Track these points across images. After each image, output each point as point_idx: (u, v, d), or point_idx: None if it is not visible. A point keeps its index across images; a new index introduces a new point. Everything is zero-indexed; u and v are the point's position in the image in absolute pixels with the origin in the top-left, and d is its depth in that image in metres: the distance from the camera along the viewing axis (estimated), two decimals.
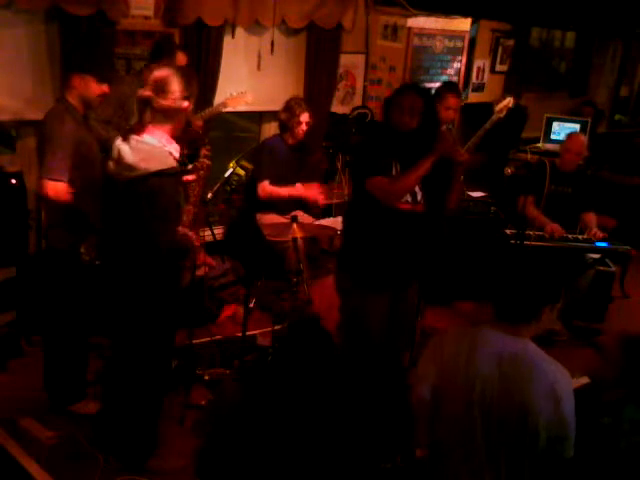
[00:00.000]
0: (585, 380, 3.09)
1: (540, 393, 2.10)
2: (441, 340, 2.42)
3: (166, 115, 2.79)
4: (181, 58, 4.13)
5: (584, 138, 4.99)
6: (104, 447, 3.18)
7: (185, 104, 2.82)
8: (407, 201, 3.17)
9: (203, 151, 3.25)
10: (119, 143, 2.82)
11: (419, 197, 3.21)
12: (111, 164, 2.85)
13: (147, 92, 2.77)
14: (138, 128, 2.81)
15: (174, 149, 2.85)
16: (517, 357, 2.17)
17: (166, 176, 2.73)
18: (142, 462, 3.13)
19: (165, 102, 2.77)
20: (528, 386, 2.12)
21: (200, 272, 4.07)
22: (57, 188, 3.14)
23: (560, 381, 2.14)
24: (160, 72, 2.81)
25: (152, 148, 2.76)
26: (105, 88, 3.29)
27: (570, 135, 5.15)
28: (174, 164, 2.79)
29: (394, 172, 3.15)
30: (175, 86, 2.78)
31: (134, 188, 2.76)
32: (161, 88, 2.77)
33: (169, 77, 2.78)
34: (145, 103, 2.78)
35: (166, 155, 2.78)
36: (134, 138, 2.78)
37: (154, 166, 2.72)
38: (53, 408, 3.49)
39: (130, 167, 2.75)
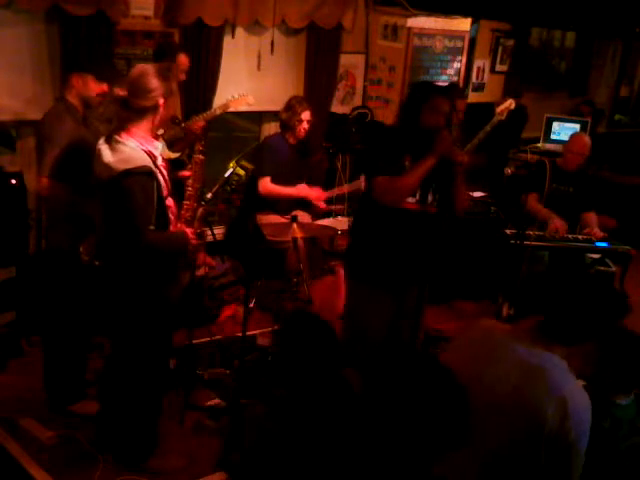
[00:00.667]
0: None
1: (550, 404, 2.07)
2: (469, 336, 2.40)
3: (143, 114, 2.79)
4: (183, 60, 4.13)
5: (587, 139, 4.97)
6: (104, 447, 3.18)
7: (161, 101, 2.80)
8: (416, 202, 3.18)
9: (197, 146, 3.25)
10: (101, 144, 2.83)
11: (429, 199, 3.22)
12: (95, 165, 2.86)
13: (123, 92, 2.78)
14: (118, 128, 2.80)
15: (154, 147, 2.85)
16: (539, 368, 2.11)
17: (134, 175, 2.72)
18: (142, 462, 3.13)
19: (141, 101, 2.77)
20: (541, 396, 2.06)
21: (200, 272, 4.08)
22: (43, 184, 3.17)
23: (575, 402, 2.07)
24: (137, 71, 2.82)
25: (129, 149, 2.76)
26: (104, 87, 3.29)
27: (573, 135, 5.14)
28: (146, 163, 2.77)
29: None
30: (151, 84, 2.77)
31: (111, 188, 2.77)
32: (137, 87, 2.77)
33: (145, 76, 2.77)
34: (122, 103, 2.78)
35: (140, 155, 2.77)
36: (114, 139, 2.79)
37: (126, 166, 2.72)
38: (53, 408, 3.48)
39: (108, 167, 2.76)
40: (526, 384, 2.10)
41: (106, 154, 2.77)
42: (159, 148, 2.90)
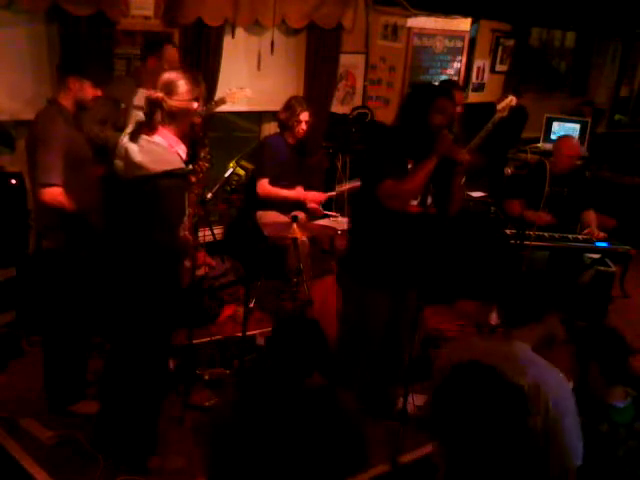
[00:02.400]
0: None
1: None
2: (448, 354, 2.42)
3: (175, 116, 2.83)
4: (172, 53, 4.10)
5: (575, 140, 4.97)
6: (104, 447, 3.18)
7: (194, 105, 2.86)
8: (417, 204, 3.19)
9: (202, 153, 3.25)
10: (126, 142, 2.83)
11: (429, 200, 3.22)
12: (118, 162, 2.87)
13: (158, 93, 2.81)
14: (148, 128, 2.82)
15: (182, 150, 2.88)
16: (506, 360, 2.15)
17: (174, 177, 2.77)
18: (142, 462, 3.13)
19: (176, 103, 2.81)
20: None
21: (200, 272, 4.07)
22: (54, 193, 3.15)
23: (546, 383, 2.14)
24: (169, 75, 2.86)
25: (162, 149, 2.80)
26: (99, 92, 3.31)
27: (561, 137, 5.15)
28: (182, 165, 2.83)
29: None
30: (184, 87, 2.83)
31: (139, 187, 2.77)
32: (171, 90, 2.82)
33: (178, 79, 2.83)
34: (156, 104, 2.81)
35: (175, 156, 2.82)
36: (144, 138, 2.80)
37: (163, 167, 2.75)
38: (53, 408, 3.48)
39: (138, 166, 2.77)
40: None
41: (135, 153, 2.78)
42: (185, 150, 2.91)
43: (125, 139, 2.85)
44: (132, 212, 2.87)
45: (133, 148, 2.80)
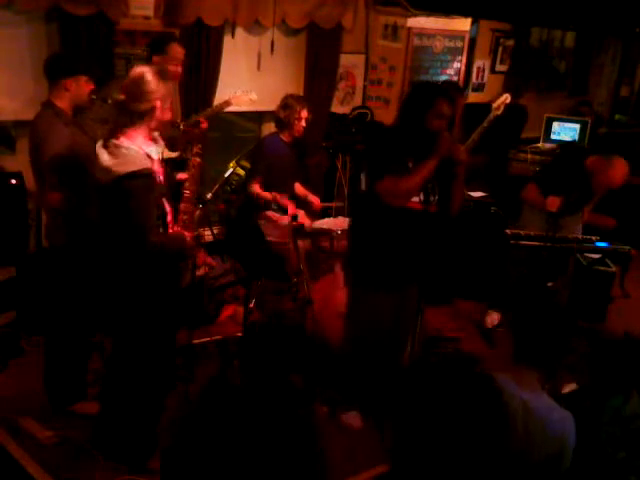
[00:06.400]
0: (573, 387, 3.10)
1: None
2: None
3: (142, 116, 2.80)
4: (177, 50, 4.08)
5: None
6: (104, 447, 3.18)
7: (158, 104, 2.81)
8: (419, 201, 3.19)
9: (194, 149, 3.25)
10: (98, 147, 2.84)
11: (432, 198, 3.22)
12: (95, 168, 2.87)
13: (121, 96, 2.79)
14: (116, 132, 2.81)
15: (154, 150, 2.86)
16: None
17: (138, 178, 2.73)
18: (142, 462, 3.13)
19: (139, 104, 2.78)
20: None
21: (200, 272, 4.07)
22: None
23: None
24: (133, 74, 2.83)
25: (128, 152, 2.77)
26: (92, 85, 3.30)
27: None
28: (147, 165, 2.79)
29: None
30: (148, 87, 2.78)
31: (113, 191, 2.78)
32: (135, 90, 2.78)
33: (141, 78, 2.79)
34: (120, 107, 2.80)
35: (141, 157, 2.79)
36: (112, 142, 2.79)
37: (127, 169, 2.73)
38: (53, 408, 3.48)
39: (106, 170, 2.77)
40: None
41: (104, 158, 2.78)
42: (156, 151, 2.90)
43: (98, 145, 2.85)
44: (108, 214, 2.88)
45: (103, 154, 2.80)
